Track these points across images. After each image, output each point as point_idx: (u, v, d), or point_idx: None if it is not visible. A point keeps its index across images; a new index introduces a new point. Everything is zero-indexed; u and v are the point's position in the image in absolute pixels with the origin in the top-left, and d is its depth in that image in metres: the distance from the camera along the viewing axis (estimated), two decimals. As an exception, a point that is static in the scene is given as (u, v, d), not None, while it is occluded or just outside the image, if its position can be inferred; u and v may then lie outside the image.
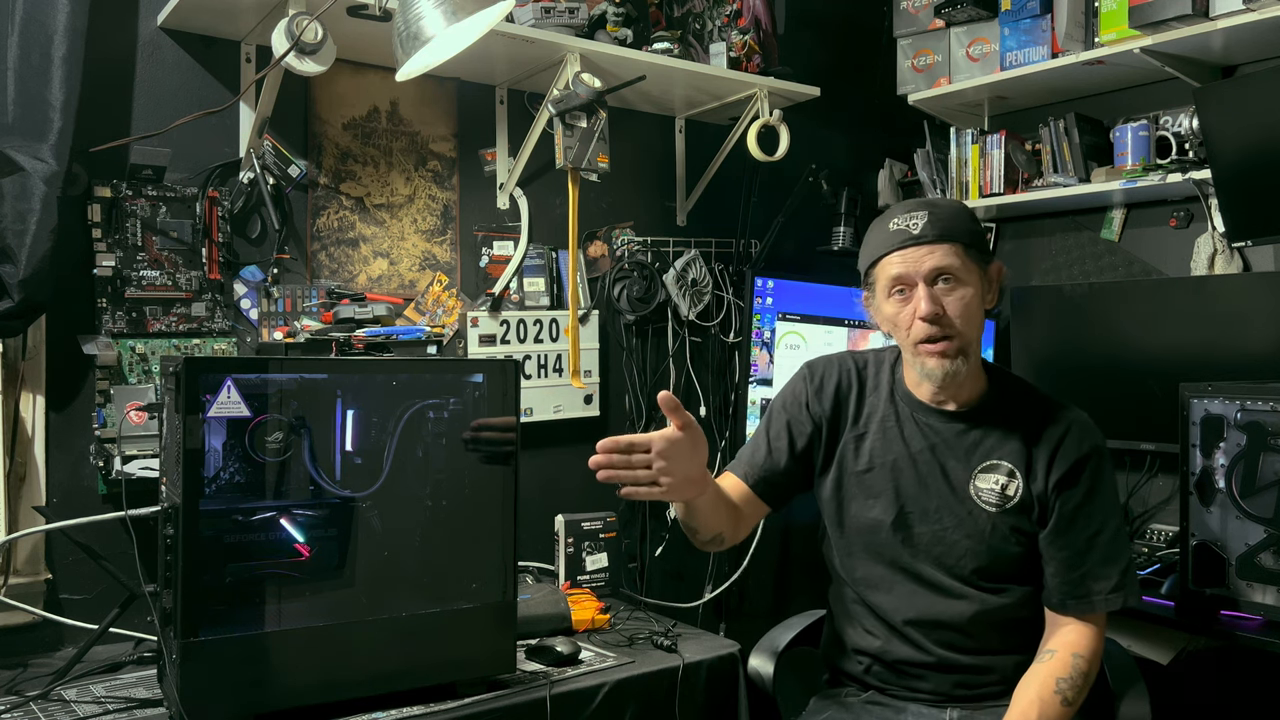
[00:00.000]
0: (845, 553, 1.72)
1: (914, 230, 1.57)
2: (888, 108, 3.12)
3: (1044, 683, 1.53)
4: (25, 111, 1.78)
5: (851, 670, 1.73)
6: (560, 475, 2.58)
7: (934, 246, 1.56)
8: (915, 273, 1.57)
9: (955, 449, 1.65)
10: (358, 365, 1.72)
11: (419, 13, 1.78)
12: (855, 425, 1.72)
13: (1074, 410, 1.67)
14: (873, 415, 1.71)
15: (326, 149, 2.28)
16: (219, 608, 1.50)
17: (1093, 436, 1.64)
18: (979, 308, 1.60)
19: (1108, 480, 1.63)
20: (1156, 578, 2.22)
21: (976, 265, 1.59)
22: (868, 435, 1.70)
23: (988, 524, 1.62)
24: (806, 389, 1.75)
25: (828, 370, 1.75)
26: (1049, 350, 2.81)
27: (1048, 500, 1.61)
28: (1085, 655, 1.56)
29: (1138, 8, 2.41)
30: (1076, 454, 1.61)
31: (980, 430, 1.65)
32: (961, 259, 1.57)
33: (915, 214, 1.59)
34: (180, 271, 2.06)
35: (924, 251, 1.56)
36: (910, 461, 1.66)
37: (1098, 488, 1.61)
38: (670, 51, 2.45)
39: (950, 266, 1.56)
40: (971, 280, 1.58)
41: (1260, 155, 2.30)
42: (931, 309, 1.55)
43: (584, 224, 2.54)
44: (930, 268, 1.56)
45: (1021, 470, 1.62)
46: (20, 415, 1.91)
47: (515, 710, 1.64)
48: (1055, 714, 1.51)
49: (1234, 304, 2.47)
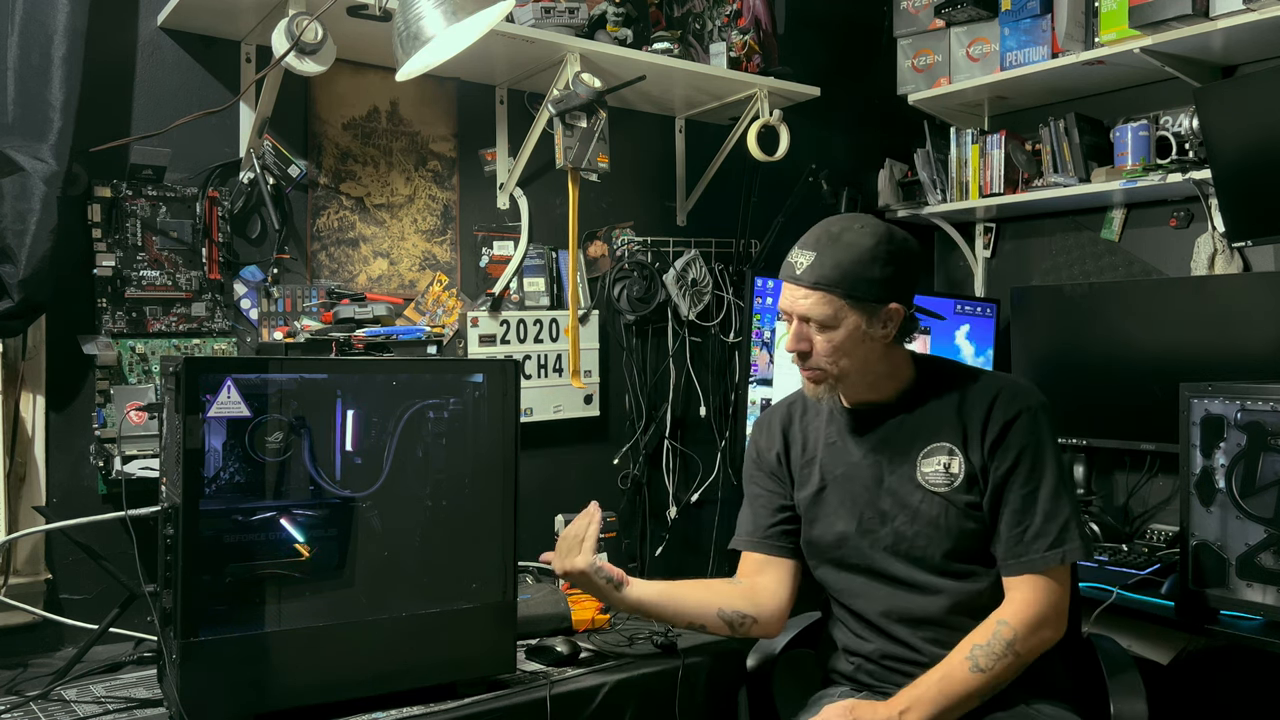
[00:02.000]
0: (822, 569, 1.76)
1: (796, 270, 1.62)
2: (888, 108, 3.12)
3: (960, 650, 1.55)
4: (25, 111, 1.78)
5: (844, 670, 1.75)
6: (560, 475, 2.58)
7: (809, 293, 1.60)
8: (790, 310, 1.64)
9: (895, 443, 1.68)
10: (358, 365, 1.72)
11: (419, 13, 1.78)
12: (805, 452, 1.77)
13: (1004, 377, 1.71)
14: (818, 438, 1.76)
15: (326, 149, 2.28)
16: (219, 608, 1.49)
17: (1023, 398, 1.64)
18: (854, 343, 1.61)
19: (1043, 437, 1.62)
20: (1156, 578, 2.22)
21: (856, 310, 1.60)
22: (817, 457, 1.75)
23: (942, 507, 1.63)
24: (759, 442, 1.84)
25: (770, 417, 1.85)
26: (1049, 350, 2.81)
27: (987, 468, 1.62)
28: (1013, 621, 1.55)
29: (1138, 8, 2.41)
30: (1005, 416, 1.62)
31: (915, 417, 1.68)
32: (834, 307, 1.59)
33: (806, 251, 1.62)
34: (180, 271, 2.06)
35: (800, 294, 1.62)
36: (858, 469, 1.70)
37: (1030, 446, 1.61)
38: (670, 51, 2.45)
39: (817, 315, 1.60)
40: (846, 323, 1.60)
41: (1260, 155, 2.30)
42: (794, 345, 1.64)
43: (584, 224, 2.54)
44: (801, 311, 1.62)
45: (959, 445, 1.63)
46: (20, 415, 1.91)
47: (515, 710, 1.63)
48: (962, 679, 1.52)
49: (1234, 304, 2.47)
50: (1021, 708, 1.60)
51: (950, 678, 1.53)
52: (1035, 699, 1.61)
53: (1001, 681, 1.55)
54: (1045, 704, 1.61)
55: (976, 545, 1.63)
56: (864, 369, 1.65)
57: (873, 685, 1.70)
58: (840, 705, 1.56)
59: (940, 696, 1.52)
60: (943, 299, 2.98)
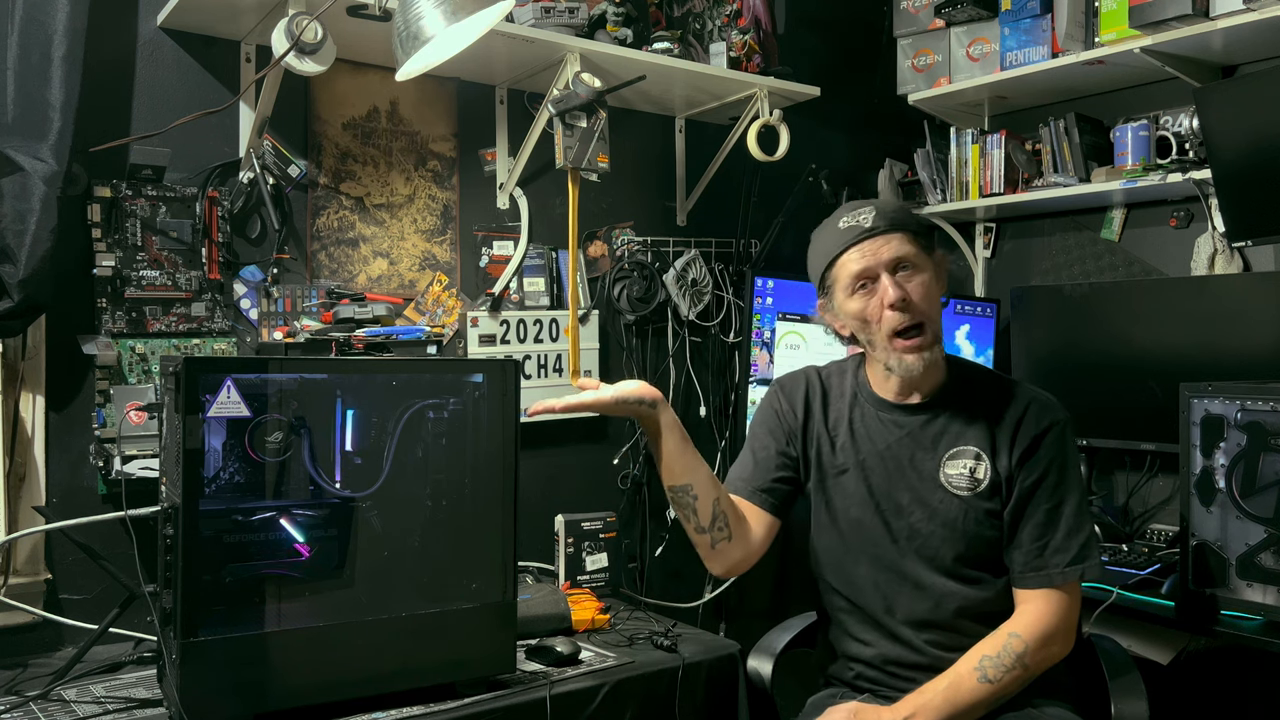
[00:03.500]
0: (831, 557, 1.73)
1: (866, 224, 1.60)
2: (888, 108, 3.12)
3: (968, 659, 1.55)
4: (25, 111, 1.78)
5: (843, 676, 1.74)
6: (560, 475, 2.58)
7: (889, 236, 1.59)
8: (876, 264, 1.59)
9: (921, 440, 1.67)
10: (358, 365, 1.72)
11: (419, 13, 1.78)
12: (828, 430, 1.74)
13: (1033, 389, 1.69)
14: (840, 420, 1.74)
15: (326, 149, 2.28)
16: (219, 608, 1.50)
17: (1052, 412, 1.64)
18: (938, 294, 1.64)
19: (1069, 454, 1.63)
20: (1156, 578, 2.22)
21: (927, 255, 1.63)
22: (838, 439, 1.73)
23: (961, 510, 1.62)
24: (779, 403, 1.78)
25: (794, 383, 1.79)
26: (1049, 350, 2.81)
27: (1013, 478, 1.62)
28: (1024, 635, 1.55)
29: (1138, 8, 2.41)
30: (1035, 429, 1.62)
31: (944, 418, 1.67)
32: (915, 246, 1.60)
33: (861, 210, 1.62)
34: (180, 271, 2.06)
35: (880, 242, 1.59)
36: (879, 459, 1.68)
37: (1058, 461, 1.61)
38: (670, 51, 2.45)
39: (907, 254, 1.59)
40: (927, 266, 1.62)
41: (1260, 155, 2.30)
42: (899, 294, 1.57)
43: (584, 224, 2.54)
44: (890, 257, 1.59)
45: (987, 452, 1.63)
46: (20, 415, 1.91)
47: (515, 710, 1.63)
48: (969, 689, 1.52)
49: (1234, 304, 2.47)
50: (1028, 710, 1.60)
51: (957, 686, 1.53)
52: (1040, 699, 1.61)
53: (1008, 693, 1.55)
54: (1050, 704, 1.61)
55: (988, 553, 1.63)
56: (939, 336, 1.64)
57: (874, 690, 1.69)
58: (844, 708, 1.56)
59: (946, 705, 1.52)
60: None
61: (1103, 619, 2.08)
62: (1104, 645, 1.81)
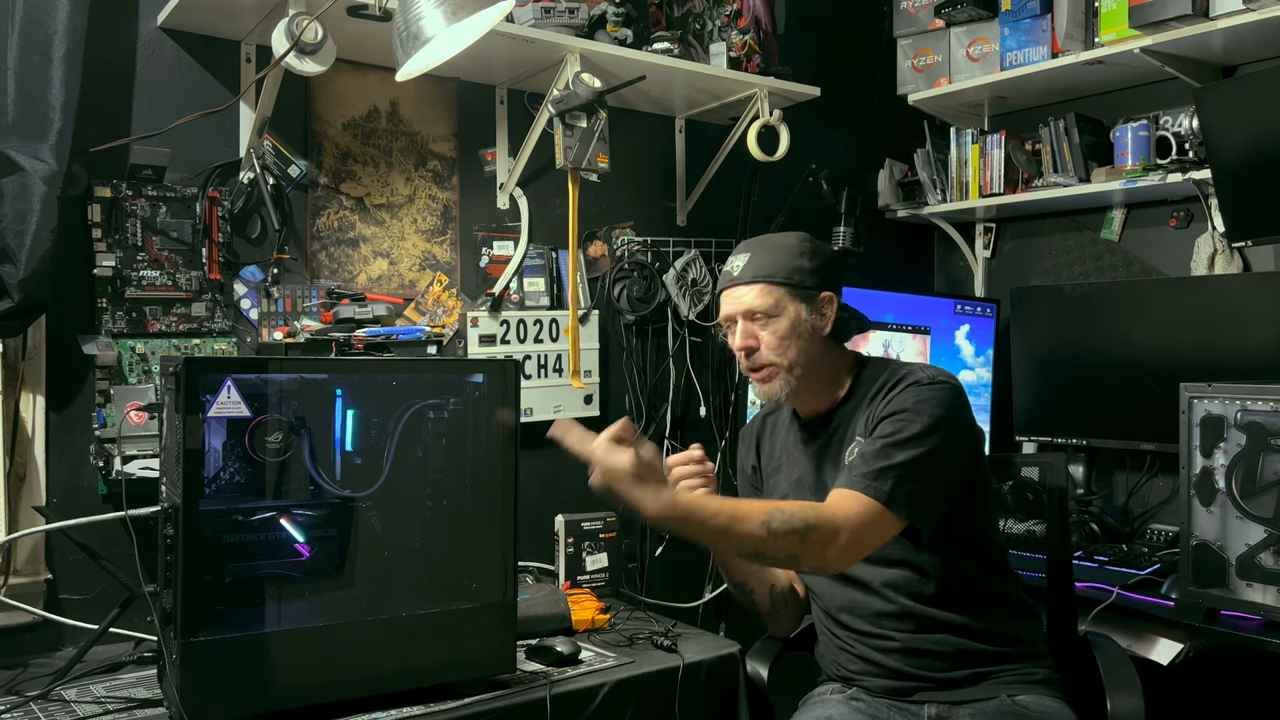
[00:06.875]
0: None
1: (734, 273, 1.73)
2: (888, 108, 3.12)
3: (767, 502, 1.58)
4: (25, 111, 1.78)
5: (833, 672, 1.78)
6: (560, 475, 2.57)
7: (749, 287, 1.71)
8: (734, 311, 1.73)
9: (829, 448, 1.74)
10: (358, 365, 1.72)
11: (419, 13, 1.78)
12: (772, 460, 1.87)
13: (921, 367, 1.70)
14: (780, 447, 1.85)
15: (326, 149, 2.28)
16: (219, 608, 1.50)
17: (917, 374, 1.65)
18: (798, 334, 1.69)
19: (922, 406, 1.59)
20: (1156, 578, 2.23)
21: (795, 299, 1.70)
22: (781, 465, 1.84)
23: None
24: (741, 454, 1.97)
25: (747, 431, 1.97)
26: (1049, 350, 2.81)
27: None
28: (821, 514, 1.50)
29: (1138, 8, 2.41)
30: (891, 391, 1.64)
31: (846, 422, 1.73)
32: (775, 297, 1.69)
33: (740, 255, 1.74)
34: (180, 271, 2.06)
35: (741, 292, 1.72)
36: (805, 475, 1.77)
37: (903, 411, 1.60)
38: (670, 51, 2.45)
39: (760, 306, 1.70)
40: (788, 313, 1.69)
41: (1260, 155, 2.30)
42: (743, 342, 1.71)
43: (584, 224, 2.54)
44: (743, 308, 1.71)
45: (864, 433, 1.65)
46: (20, 415, 1.91)
47: (515, 710, 1.64)
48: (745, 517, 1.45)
49: (1234, 304, 2.47)
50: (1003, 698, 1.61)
51: (741, 512, 1.47)
52: (1016, 691, 1.63)
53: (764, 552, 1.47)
54: (1026, 694, 1.62)
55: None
56: (809, 365, 1.70)
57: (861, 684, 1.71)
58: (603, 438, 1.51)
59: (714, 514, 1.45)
60: (943, 299, 2.98)
61: (1102, 619, 2.08)
62: (1099, 643, 1.82)
